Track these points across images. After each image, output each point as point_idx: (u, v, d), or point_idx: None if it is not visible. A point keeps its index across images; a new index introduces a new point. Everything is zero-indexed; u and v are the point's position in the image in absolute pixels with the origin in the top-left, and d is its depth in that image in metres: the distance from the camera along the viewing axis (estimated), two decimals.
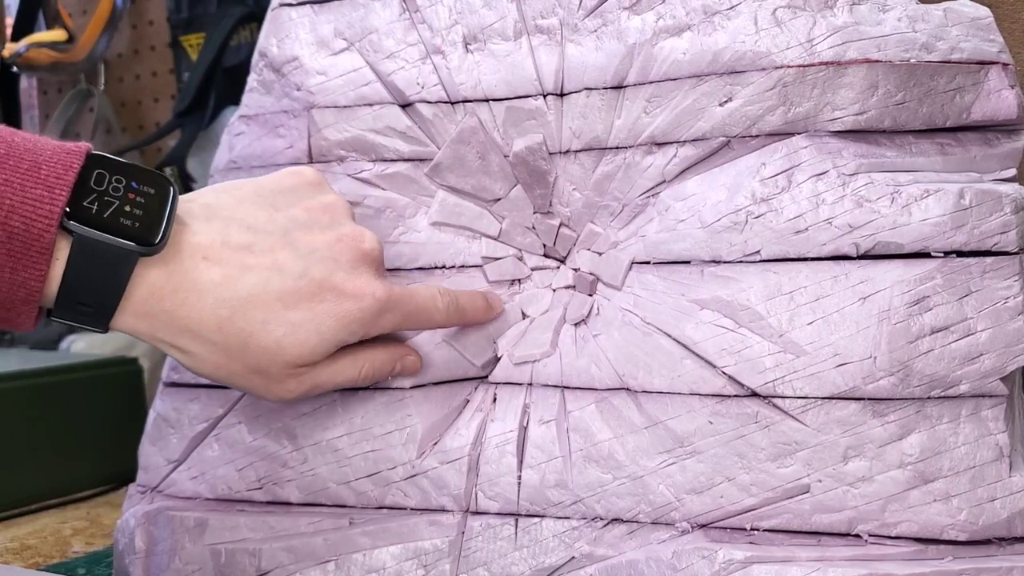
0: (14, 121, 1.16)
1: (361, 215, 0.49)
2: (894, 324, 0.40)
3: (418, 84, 0.48)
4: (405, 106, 0.49)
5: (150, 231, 0.37)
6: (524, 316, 0.49)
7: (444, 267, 0.49)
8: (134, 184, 0.38)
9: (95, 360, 0.76)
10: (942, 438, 0.40)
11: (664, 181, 0.45)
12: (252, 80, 0.53)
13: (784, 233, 0.42)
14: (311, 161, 0.51)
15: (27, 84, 1.18)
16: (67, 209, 0.36)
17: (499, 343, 0.48)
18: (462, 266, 0.49)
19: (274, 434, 0.48)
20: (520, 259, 0.49)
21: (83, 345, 0.95)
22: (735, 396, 0.42)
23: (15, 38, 1.09)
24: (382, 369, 0.45)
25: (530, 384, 0.47)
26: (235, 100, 0.57)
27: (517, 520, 0.45)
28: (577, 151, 0.47)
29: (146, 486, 0.52)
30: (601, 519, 0.44)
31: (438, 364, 0.47)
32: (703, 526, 0.42)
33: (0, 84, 1.13)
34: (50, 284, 0.37)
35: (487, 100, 0.47)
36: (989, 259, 0.41)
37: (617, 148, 0.46)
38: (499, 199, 0.49)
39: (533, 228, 0.49)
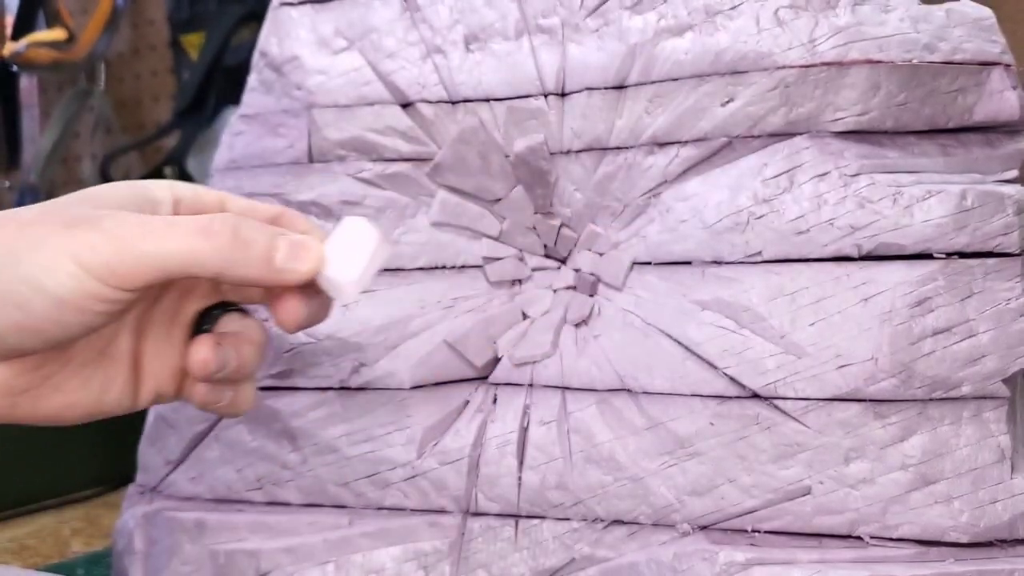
0: (14, 120, 1.15)
1: (361, 215, 0.49)
2: (896, 325, 0.40)
3: (419, 84, 0.48)
4: (406, 106, 0.49)
5: None
6: (525, 317, 0.49)
7: (445, 267, 0.49)
8: None
9: None
10: (944, 440, 0.40)
11: (665, 181, 0.45)
12: (252, 79, 0.53)
13: (786, 234, 0.42)
14: (311, 161, 0.51)
15: (27, 83, 1.18)
16: None
17: (499, 344, 0.48)
18: (463, 266, 0.49)
19: (273, 435, 0.48)
20: (521, 259, 0.49)
21: None
22: (736, 397, 0.42)
23: (15, 37, 1.09)
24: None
25: (531, 385, 0.47)
26: (235, 100, 0.57)
27: (517, 521, 0.44)
28: (578, 151, 0.46)
29: (145, 486, 0.51)
30: (601, 521, 0.43)
31: (438, 364, 0.47)
32: (704, 528, 0.42)
33: (0, 83, 1.13)
34: None
35: (488, 100, 0.47)
36: (991, 260, 0.41)
37: (618, 148, 0.46)
38: (500, 199, 0.49)
39: (534, 228, 0.49)
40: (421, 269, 0.49)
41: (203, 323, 0.36)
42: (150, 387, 0.35)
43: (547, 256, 0.50)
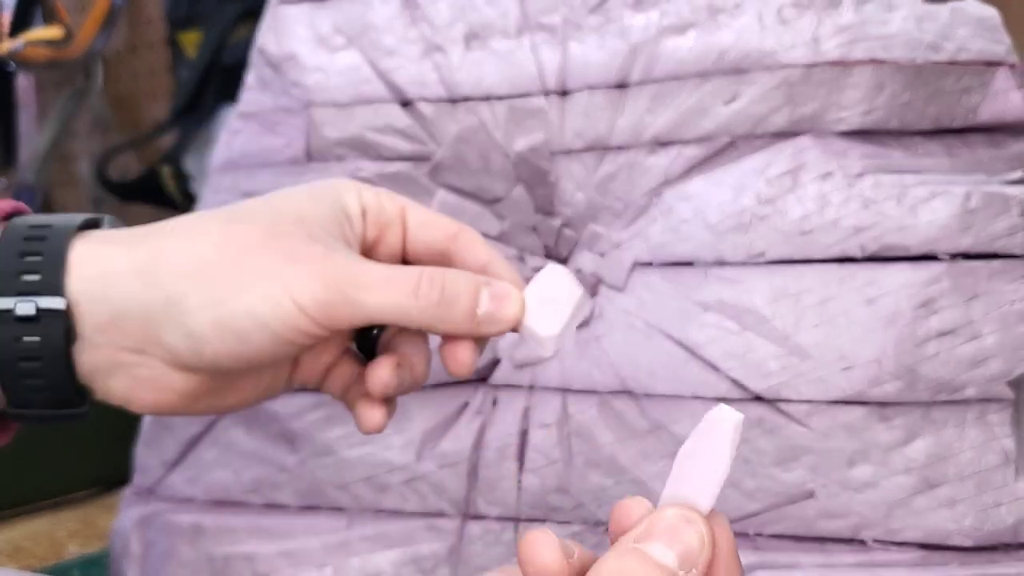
0: (10, 119, 1.15)
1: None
2: (900, 327, 0.40)
3: (418, 82, 0.48)
4: (405, 104, 0.48)
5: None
6: None
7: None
8: None
9: None
10: (948, 443, 0.40)
11: (668, 181, 0.45)
12: (250, 78, 0.53)
13: (790, 234, 0.41)
14: (309, 159, 0.50)
15: (24, 81, 1.17)
16: None
17: (499, 345, 0.47)
18: None
19: (271, 437, 0.48)
20: (521, 260, 0.49)
21: None
22: (739, 400, 0.41)
23: (12, 35, 1.08)
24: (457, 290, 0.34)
25: (531, 387, 0.46)
26: (233, 98, 0.56)
27: (517, 525, 0.44)
28: (579, 150, 0.46)
29: (142, 488, 0.51)
30: (603, 524, 0.43)
31: (437, 366, 0.47)
32: None
33: None
34: None
35: (488, 98, 0.47)
36: (996, 262, 0.40)
37: (620, 147, 0.45)
38: (500, 199, 0.49)
39: (534, 229, 0.49)
40: None
41: (365, 332, 0.36)
42: (299, 379, 0.36)
43: (548, 256, 0.49)
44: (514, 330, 0.34)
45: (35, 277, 0.30)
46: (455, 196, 0.49)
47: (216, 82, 0.93)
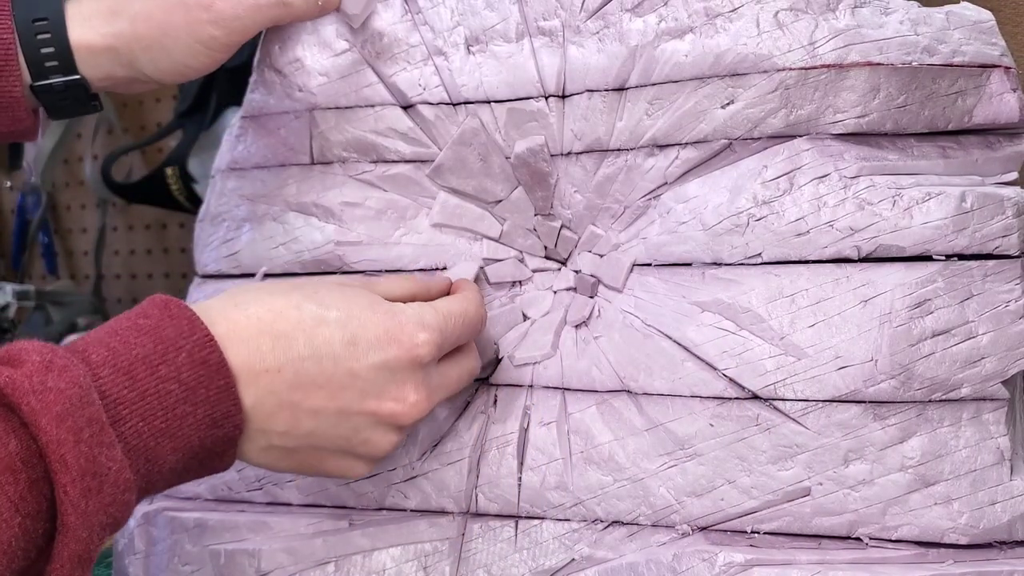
0: None
1: (362, 216, 0.49)
2: (895, 327, 0.40)
3: (420, 85, 0.48)
4: (407, 107, 0.49)
5: None
6: (525, 318, 0.49)
7: (445, 268, 0.49)
8: None
9: None
10: (943, 441, 0.40)
11: (665, 183, 0.45)
12: (254, 81, 0.53)
13: (785, 236, 0.42)
14: (312, 162, 0.51)
15: None
16: None
17: (500, 345, 0.48)
18: None
19: None
20: (521, 261, 0.49)
21: None
22: (736, 399, 0.42)
23: None
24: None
25: (531, 386, 0.47)
26: (237, 101, 0.57)
27: (517, 522, 0.45)
28: (579, 153, 0.46)
29: None
30: (601, 521, 0.44)
31: None
32: (703, 529, 0.42)
33: None
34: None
35: (489, 102, 0.47)
36: (990, 262, 0.41)
37: (619, 150, 0.46)
38: (500, 201, 0.49)
39: (534, 230, 0.49)
40: (421, 270, 0.49)
41: None
42: None
43: (547, 258, 0.50)
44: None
45: (54, 63, 0.47)
46: (456, 197, 0.49)
47: (220, 85, 0.93)
